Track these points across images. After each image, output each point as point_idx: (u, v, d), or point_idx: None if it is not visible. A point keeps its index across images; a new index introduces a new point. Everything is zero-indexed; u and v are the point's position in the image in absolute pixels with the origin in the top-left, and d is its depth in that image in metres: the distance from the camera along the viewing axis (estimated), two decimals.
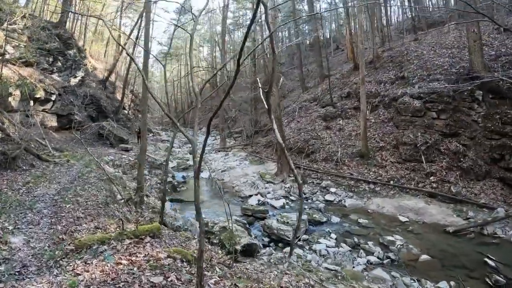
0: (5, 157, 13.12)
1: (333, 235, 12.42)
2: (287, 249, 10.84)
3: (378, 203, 15.98)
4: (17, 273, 5.61)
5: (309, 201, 17.26)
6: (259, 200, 17.43)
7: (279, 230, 12.15)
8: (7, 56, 20.76)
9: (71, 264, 5.92)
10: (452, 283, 9.05)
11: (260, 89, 6.19)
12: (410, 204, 15.28)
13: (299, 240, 11.78)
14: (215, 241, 10.72)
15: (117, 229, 8.01)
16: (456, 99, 18.64)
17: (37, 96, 21.52)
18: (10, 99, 19.16)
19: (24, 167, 13.82)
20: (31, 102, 21.02)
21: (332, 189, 18.33)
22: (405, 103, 20.46)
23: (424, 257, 10.62)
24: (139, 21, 32.94)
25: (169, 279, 5.54)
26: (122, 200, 12.51)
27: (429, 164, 17.54)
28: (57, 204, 9.71)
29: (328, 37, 52.22)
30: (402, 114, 20.56)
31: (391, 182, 17.75)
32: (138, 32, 33.30)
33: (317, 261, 10.26)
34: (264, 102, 4.84)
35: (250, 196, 18.23)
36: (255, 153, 27.65)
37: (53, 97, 23.25)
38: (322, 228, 13.42)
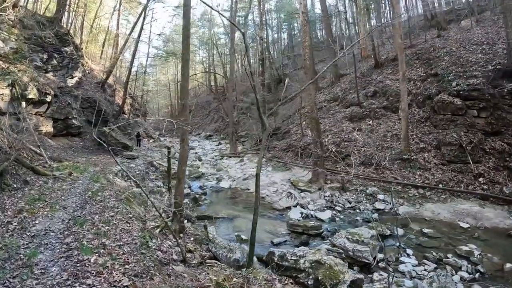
0: None
1: (409, 251, 10.54)
2: (379, 276, 8.88)
3: (432, 209, 14.07)
4: None
5: (357, 210, 14.91)
6: (301, 213, 14.56)
7: (356, 252, 9.53)
8: None
9: None
10: None
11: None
12: (465, 208, 13.74)
13: (378, 262, 9.65)
14: (309, 282, 7.55)
15: None
16: (496, 96, 17.02)
17: (30, 96, 17.65)
18: None
19: (15, 185, 9.98)
20: (23, 104, 17.03)
21: (380, 196, 15.88)
22: (443, 101, 18.49)
23: (509, 265, 9.41)
24: (142, 16, 28.97)
25: None
26: (158, 230, 8.70)
27: (476, 165, 15.88)
28: (72, 255, 5.86)
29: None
30: (440, 113, 18.68)
31: (440, 185, 15.84)
32: (140, 32, 29.34)
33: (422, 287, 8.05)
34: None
35: (288, 208, 15.37)
36: (276, 159, 23.93)
37: (48, 98, 19.30)
38: (389, 242, 11.36)
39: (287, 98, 13.87)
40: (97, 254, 5.86)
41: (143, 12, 29.08)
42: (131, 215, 8.78)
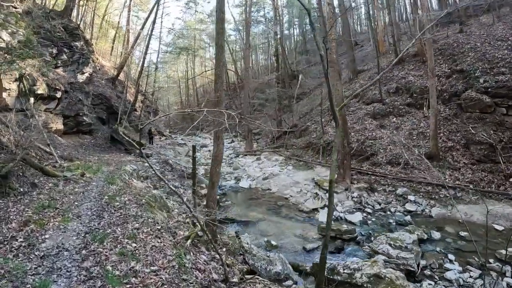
0: None
1: (450, 256, 9.73)
2: (428, 285, 8.09)
3: (465, 210, 13.09)
4: None
5: (388, 212, 13.84)
6: None
7: (400, 259, 8.67)
8: (2, 44, 15.44)
9: None
10: None
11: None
12: (498, 210, 12.67)
13: (422, 269, 8.88)
14: None
15: None
16: None
17: (39, 92, 16.41)
18: (4, 94, 14.21)
19: (22, 189, 8.55)
20: (31, 99, 15.64)
21: (411, 197, 14.81)
22: (471, 98, 17.54)
23: None
24: (154, 10, 27.60)
25: None
26: (189, 241, 7.27)
27: (506, 165, 15.02)
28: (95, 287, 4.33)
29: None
30: (468, 110, 17.70)
31: (471, 186, 14.83)
32: (153, 26, 27.96)
33: None
34: None
35: (315, 210, 14.25)
36: (296, 157, 22.49)
37: (58, 94, 18.00)
38: (427, 247, 10.52)
39: (297, 95, 12.39)
40: (128, 287, 4.39)
41: (156, 6, 27.65)
42: (158, 226, 7.33)
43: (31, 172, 9.70)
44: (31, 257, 5.22)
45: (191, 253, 6.84)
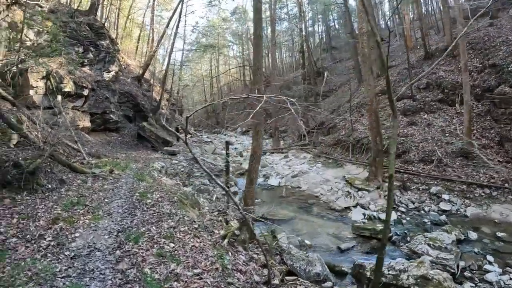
0: (19, 171, 7.39)
1: (489, 257, 9.10)
2: None
3: (501, 210, 12.41)
4: None
5: (422, 212, 13.10)
6: (364, 214, 12.73)
7: (441, 260, 8.20)
8: (28, 43, 15.32)
9: None
10: None
11: None
12: None
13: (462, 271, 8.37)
14: None
15: None
16: None
17: (66, 89, 16.22)
18: (31, 92, 14.03)
19: (50, 185, 8.16)
20: (59, 97, 15.46)
21: (445, 196, 13.94)
22: (505, 94, 16.48)
23: None
24: (179, 7, 27.28)
25: None
26: (226, 240, 6.69)
27: None
28: None
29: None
30: (502, 106, 16.58)
31: (506, 184, 13.91)
32: (177, 25, 27.70)
33: None
34: None
35: (347, 208, 13.55)
36: (325, 155, 21.73)
37: (85, 92, 17.81)
38: (465, 247, 9.89)
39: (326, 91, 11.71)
40: None
41: (179, 5, 27.33)
42: (196, 225, 6.77)
43: (59, 168, 9.38)
44: (60, 258, 4.74)
45: (230, 253, 6.25)
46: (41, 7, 17.45)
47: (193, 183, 14.65)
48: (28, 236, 5.34)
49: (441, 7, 28.34)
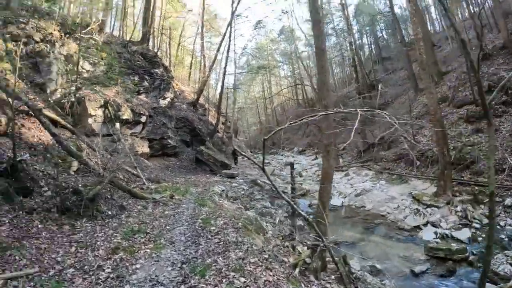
0: (79, 197, 7.08)
1: None
2: None
3: None
4: None
5: (498, 227, 11.53)
6: (436, 233, 11.59)
7: None
8: (84, 74, 15.87)
9: None
10: None
11: None
12: None
13: None
14: None
15: None
16: None
17: (124, 117, 16.43)
18: (89, 120, 14.24)
19: (110, 212, 7.90)
20: (117, 125, 15.60)
21: None
22: None
23: None
24: (228, 31, 27.41)
25: None
26: (297, 270, 5.82)
27: None
28: None
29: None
30: None
31: None
32: (228, 49, 27.80)
33: None
34: None
35: (417, 227, 12.45)
36: (388, 171, 20.32)
37: (143, 119, 17.96)
38: None
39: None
40: None
41: (227, 30, 27.45)
42: (266, 255, 5.98)
43: (119, 194, 9.12)
44: None
45: (303, 285, 5.37)
46: (95, 40, 17.98)
47: (255, 206, 13.97)
48: (86, 267, 4.88)
49: (491, 2, 26.02)
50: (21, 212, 6.07)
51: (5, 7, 14.11)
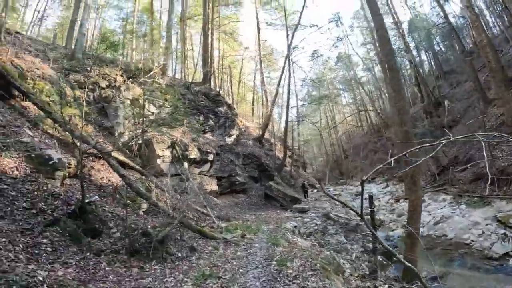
0: (148, 239, 6.80)
1: None
2: None
3: None
4: None
5: None
6: None
7: None
8: (151, 117, 16.44)
9: None
10: None
11: None
12: None
13: None
14: None
15: None
16: None
17: (192, 156, 16.65)
18: (158, 161, 14.46)
19: (180, 254, 7.54)
20: (185, 164, 15.68)
21: None
22: None
23: None
24: (286, 64, 27.39)
25: None
26: None
27: None
28: None
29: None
30: None
31: None
32: (289, 82, 27.71)
33: None
34: None
35: (506, 254, 11.21)
36: (466, 193, 18.42)
37: (210, 157, 18.14)
38: None
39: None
40: None
41: (287, 60, 27.38)
42: None
43: (188, 235, 8.75)
44: None
45: None
46: (158, 83, 18.60)
47: (329, 241, 13.09)
48: None
49: None
50: (88, 254, 5.92)
51: (71, 57, 15.09)
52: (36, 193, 6.37)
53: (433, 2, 36.15)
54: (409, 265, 5.18)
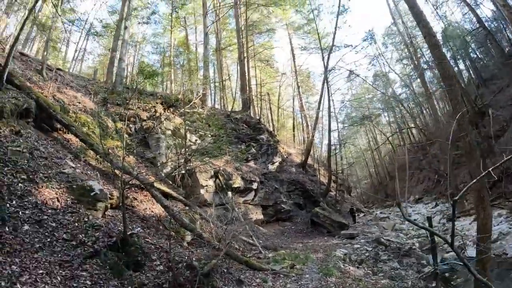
0: (193, 273, 6.53)
1: None
2: None
3: None
4: None
5: None
6: None
7: None
8: (193, 147, 16.37)
9: None
10: None
11: None
12: None
13: None
14: None
15: None
16: None
17: (235, 185, 16.50)
18: (201, 191, 14.39)
19: (226, 287, 6.86)
20: (229, 193, 15.49)
21: None
22: None
23: None
24: (325, 88, 27.04)
25: None
26: None
27: None
28: None
29: None
30: None
31: None
32: (329, 105, 27.30)
33: None
34: None
35: None
36: None
37: (254, 186, 17.91)
38: None
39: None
40: None
41: (325, 83, 26.98)
42: None
43: (235, 267, 8.35)
44: None
45: None
46: (199, 113, 18.76)
47: (382, 268, 12.28)
48: None
49: None
50: None
51: (111, 91, 15.55)
52: (76, 224, 6.28)
53: (463, 8, 34.98)
54: None
